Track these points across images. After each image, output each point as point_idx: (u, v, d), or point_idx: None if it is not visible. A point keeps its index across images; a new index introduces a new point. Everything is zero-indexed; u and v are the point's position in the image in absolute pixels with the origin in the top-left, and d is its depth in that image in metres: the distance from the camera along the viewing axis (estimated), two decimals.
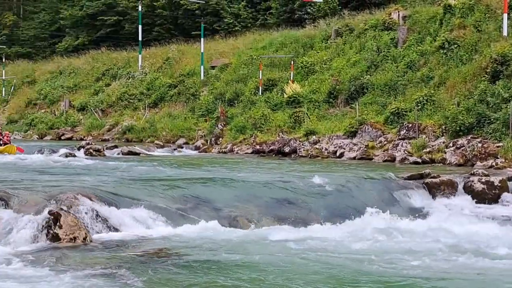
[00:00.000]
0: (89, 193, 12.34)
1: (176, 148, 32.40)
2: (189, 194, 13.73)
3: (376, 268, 9.16)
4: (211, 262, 9.37)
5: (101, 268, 8.86)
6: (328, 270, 9.01)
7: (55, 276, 8.43)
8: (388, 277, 8.68)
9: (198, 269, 8.96)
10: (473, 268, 9.31)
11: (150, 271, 8.80)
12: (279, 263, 9.36)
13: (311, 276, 8.64)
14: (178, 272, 8.83)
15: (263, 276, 8.62)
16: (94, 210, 11.68)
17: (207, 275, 8.64)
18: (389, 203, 14.64)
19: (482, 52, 26.64)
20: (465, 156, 22.09)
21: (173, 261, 9.45)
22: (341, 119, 29.33)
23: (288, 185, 15.06)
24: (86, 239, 10.69)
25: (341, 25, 36.82)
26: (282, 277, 8.58)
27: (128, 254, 9.87)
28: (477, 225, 12.71)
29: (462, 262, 9.67)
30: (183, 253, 9.90)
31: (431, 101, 26.39)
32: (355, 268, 9.14)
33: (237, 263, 9.34)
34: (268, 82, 35.69)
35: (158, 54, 47.05)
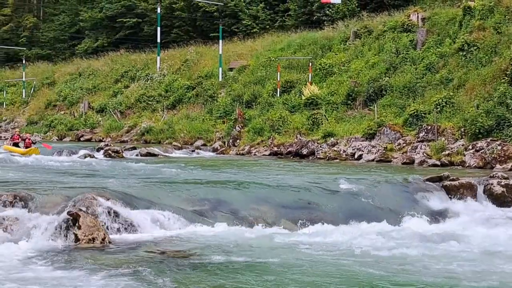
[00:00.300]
0: (107, 194, 12.41)
1: (194, 149, 32.47)
2: (207, 195, 13.76)
3: (392, 271, 9.10)
4: (229, 263, 9.38)
5: (120, 269, 8.88)
6: (341, 273, 8.98)
7: (74, 277, 8.48)
8: (401, 280, 8.63)
9: (217, 270, 8.96)
10: (492, 272, 9.23)
11: (169, 271, 8.83)
12: (294, 265, 9.35)
13: (323, 279, 8.62)
14: (197, 272, 8.84)
15: (277, 278, 8.62)
16: (113, 211, 11.74)
17: (226, 276, 8.65)
18: (407, 205, 14.54)
19: (502, 54, 26.43)
20: (485, 159, 21.91)
21: (192, 261, 9.46)
22: (359, 121, 29.22)
23: (306, 187, 15.01)
24: (105, 240, 10.74)
25: (360, 27, 36.73)
26: (295, 279, 8.58)
27: (147, 254, 9.91)
28: (496, 229, 12.59)
29: (479, 266, 9.58)
30: (201, 254, 9.91)
31: (450, 104, 26.22)
32: (370, 271, 9.09)
33: (253, 265, 9.34)
34: (286, 84, 35.68)
35: (177, 56, 47.24)
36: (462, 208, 14.93)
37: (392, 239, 11.41)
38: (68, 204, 11.52)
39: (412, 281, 8.63)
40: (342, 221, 12.97)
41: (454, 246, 10.98)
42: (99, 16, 57.58)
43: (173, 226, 12.07)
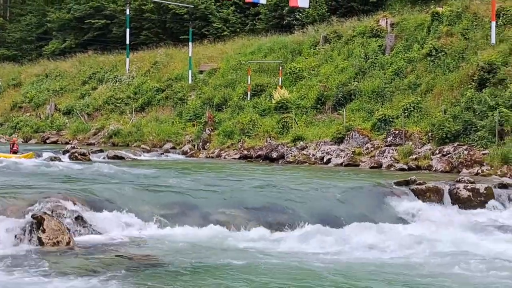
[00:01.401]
0: (73, 198, 12.25)
1: (163, 152, 32.22)
2: (175, 199, 13.71)
3: (358, 275, 9.16)
4: (196, 267, 9.33)
5: (85, 273, 8.78)
6: (309, 276, 9.01)
7: (37, 282, 8.33)
8: (366, 284, 8.68)
9: (183, 274, 8.91)
10: (458, 274, 9.30)
11: (135, 275, 8.74)
12: (264, 269, 9.33)
13: (290, 282, 8.64)
14: (163, 276, 8.76)
15: (245, 281, 8.61)
16: (78, 214, 11.60)
17: (192, 280, 8.61)
18: (375, 209, 14.65)
19: (469, 60, 26.79)
20: (451, 163, 22.15)
21: (158, 265, 9.39)
22: (328, 125, 29.33)
23: (276, 191, 15.04)
24: (70, 243, 10.59)
25: (330, 32, 36.91)
26: (263, 282, 8.59)
27: (112, 258, 9.79)
28: (461, 232, 12.72)
29: (447, 269, 9.66)
30: (167, 258, 9.84)
31: (418, 108, 26.48)
32: (338, 275, 9.12)
33: (221, 268, 9.31)
34: (256, 88, 35.68)
35: (146, 58, 46.91)
36: (428, 212, 15.07)
37: (359, 243, 11.45)
38: (33, 208, 11.33)
39: (379, 284, 8.66)
40: (310, 225, 12.95)
41: (422, 249, 11.06)
42: (67, 17, 56.86)
43: (141, 229, 11.99)
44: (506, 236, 12.49)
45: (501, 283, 8.93)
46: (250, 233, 12.24)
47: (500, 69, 24.70)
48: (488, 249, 11.17)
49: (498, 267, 9.85)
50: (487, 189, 16.33)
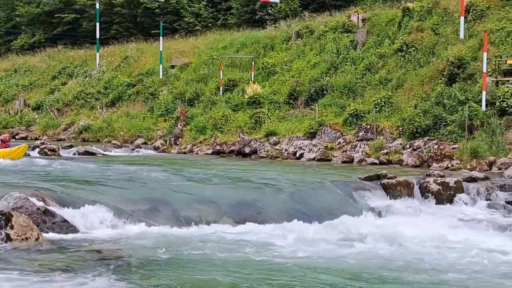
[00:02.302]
0: (42, 193, 12.09)
1: (134, 148, 31.96)
2: (146, 194, 13.61)
3: (328, 270, 9.20)
4: (167, 262, 9.29)
5: (52, 269, 8.68)
6: (279, 270, 9.03)
7: (4, 278, 8.19)
8: (330, 277, 8.74)
9: (152, 269, 8.86)
10: (427, 268, 9.37)
11: (103, 271, 8.66)
12: (232, 263, 9.35)
13: (260, 276, 8.67)
14: (132, 272, 8.69)
15: (215, 274, 8.61)
16: (47, 210, 11.44)
17: (161, 275, 8.55)
18: (345, 204, 14.72)
19: (439, 55, 27.05)
20: (422, 158, 22.36)
21: (127, 261, 9.31)
22: (301, 120, 29.38)
23: (248, 186, 15.04)
24: (39, 239, 10.44)
25: (302, 27, 36.95)
26: (232, 276, 8.60)
27: (81, 254, 9.68)
28: (431, 226, 12.83)
29: (417, 263, 9.74)
30: (136, 253, 9.76)
31: (389, 103, 26.66)
32: (308, 269, 9.17)
33: (191, 262, 9.29)
34: (228, 83, 35.58)
35: (117, 52, 46.46)
36: (399, 206, 15.21)
37: (330, 237, 11.50)
38: (0, 204, 11.14)
39: (348, 278, 8.69)
40: (282, 220, 12.98)
41: (392, 243, 11.14)
42: (36, 11, 56.04)
43: (111, 225, 11.87)
44: (474, 229, 12.62)
45: (469, 275, 9.03)
46: (222, 228, 12.22)
47: (469, 64, 24.98)
48: (457, 241, 11.29)
49: (467, 260, 9.97)
50: (456, 183, 16.51)
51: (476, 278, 8.89)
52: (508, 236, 12.00)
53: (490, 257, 10.20)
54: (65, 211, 11.72)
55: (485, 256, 10.20)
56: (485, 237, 11.72)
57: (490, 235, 11.95)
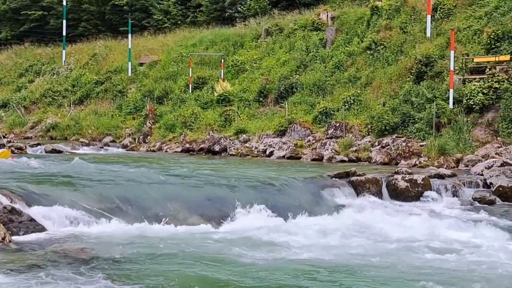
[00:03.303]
0: (8, 192, 11.89)
1: (103, 146, 31.69)
2: (115, 193, 13.47)
3: (286, 263, 9.31)
4: (133, 260, 9.24)
5: (18, 268, 8.55)
6: (247, 267, 9.06)
7: None
8: (297, 271, 8.82)
9: (118, 268, 8.80)
10: (392, 264, 9.46)
11: (71, 270, 8.57)
12: (201, 260, 9.35)
13: (226, 271, 8.70)
14: (96, 270, 8.62)
15: (183, 271, 8.62)
16: (14, 209, 11.25)
17: (128, 273, 8.50)
18: (314, 201, 14.79)
19: (407, 53, 27.31)
20: (390, 155, 22.55)
21: (92, 259, 9.24)
22: (271, 118, 29.43)
23: (217, 184, 14.99)
24: (5, 239, 10.26)
25: (271, 25, 36.99)
26: (200, 273, 8.62)
27: (47, 253, 9.55)
28: (399, 222, 12.96)
29: (384, 258, 9.81)
30: (103, 252, 9.68)
31: (358, 101, 26.84)
32: (271, 264, 9.25)
33: (159, 260, 9.26)
34: (198, 80, 35.46)
35: (84, 50, 45.97)
36: (367, 203, 15.34)
37: (297, 234, 11.56)
38: None
39: (315, 271, 8.75)
40: (251, 217, 13.00)
41: (360, 239, 11.22)
42: (2, 8, 55.12)
43: (78, 224, 11.74)
44: (442, 225, 12.77)
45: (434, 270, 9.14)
46: (191, 226, 12.22)
47: (437, 62, 25.28)
48: (423, 237, 11.43)
49: (431, 256, 10.09)
50: (424, 180, 16.71)
51: (439, 273, 9.01)
52: (473, 232, 12.19)
53: (455, 251, 10.38)
54: (32, 210, 11.54)
55: (450, 251, 10.38)
56: (451, 232, 11.88)
57: (455, 231, 12.11)
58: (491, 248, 10.66)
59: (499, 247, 10.82)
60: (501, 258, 9.97)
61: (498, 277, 8.79)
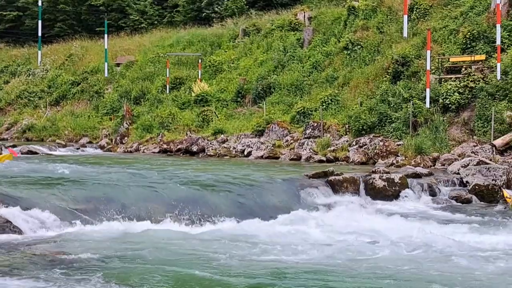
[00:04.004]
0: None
1: (79, 147, 31.43)
2: (92, 194, 13.39)
3: (260, 263, 9.34)
4: (111, 262, 9.20)
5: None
6: (224, 267, 9.08)
7: None
8: (276, 271, 8.86)
9: (96, 270, 8.73)
10: (370, 262, 9.50)
11: (46, 272, 8.50)
12: (178, 261, 9.35)
13: (200, 272, 8.72)
14: (73, 273, 8.56)
15: (161, 273, 8.59)
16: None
17: (105, 275, 8.44)
18: (292, 201, 14.80)
19: (384, 53, 27.46)
20: (367, 154, 22.67)
21: (69, 262, 9.18)
22: (249, 118, 29.43)
23: (195, 184, 14.95)
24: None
25: (249, 25, 36.98)
26: (180, 273, 8.63)
27: (24, 256, 9.46)
28: (376, 221, 13.03)
29: (363, 259, 9.85)
30: (80, 254, 9.61)
31: (335, 101, 26.94)
32: (242, 263, 9.29)
33: (137, 262, 9.22)
34: (175, 81, 35.32)
35: (60, 50, 45.55)
36: (345, 202, 15.39)
37: (276, 234, 11.55)
38: None
39: (289, 271, 8.80)
40: (229, 217, 12.98)
41: (338, 239, 11.25)
42: None
43: (55, 226, 11.65)
44: (419, 223, 12.86)
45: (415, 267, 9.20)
46: (168, 226, 12.20)
47: (413, 62, 25.46)
48: (400, 236, 11.49)
49: (408, 254, 10.15)
50: (401, 179, 16.81)
51: (413, 271, 9.09)
52: (449, 230, 12.29)
53: (431, 250, 10.46)
54: (8, 212, 11.40)
55: (426, 249, 10.46)
56: (428, 231, 11.95)
57: (432, 229, 12.19)
58: (461, 247, 10.73)
59: (468, 245, 10.88)
60: (467, 256, 10.03)
61: (459, 276, 8.84)
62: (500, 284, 8.50)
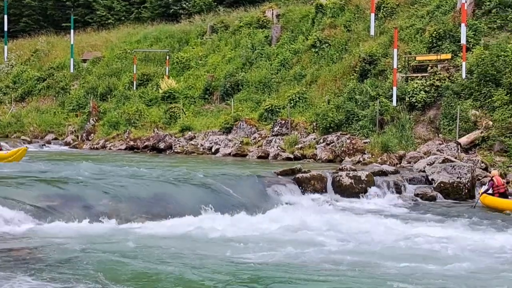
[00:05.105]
0: None
1: (45, 144, 31.03)
2: (57, 191, 13.26)
3: (226, 257, 9.44)
4: (74, 259, 9.12)
5: None
6: (195, 261, 9.06)
7: None
8: (233, 263, 8.99)
9: (59, 266, 8.68)
10: (338, 259, 9.53)
11: (13, 269, 8.40)
12: (144, 257, 9.34)
13: (165, 267, 8.77)
14: (36, 270, 8.45)
15: (122, 269, 8.60)
16: None
17: (67, 272, 8.38)
18: (259, 198, 14.78)
19: (351, 52, 27.60)
20: (335, 152, 22.77)
21: (32, 259, 9.08)
22: (216, 115, 29.35)
23: (162, 181, 14.88)
24: None
25: (217, 22, 36.87)
26: (148, 268, 8.64)
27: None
28: (342, 218, 13.11)
29: (329, 254, 9.89)
30: (44, 251, 9.54)
31: (303, 99, 27.00)
32: (211, 259, 9.33)
33: (100, 259, 9.17)
34: (142, 77, 35.05)
35: (26, 46, 44.87)
36: (311, 199, 15.42)
37: (239, 232, 11.58)
38: None
39: (237, 263, 8.92)
40: (196, 214, 12.93)
41: (303, 235, 11.29)
42: None
43: (20, 223, 11.47)
44: (384, 220, 12.96)
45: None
46: (132, 223, 12.16)
47: (380, 61, 25.65)
48: (364, 232, 11.57)
49: (370, 248, 10.22)
50: (367, 176, 16.92)
51: (375, 264, 9.21)
52: (412, 226, 12.43)
53: (395, 245, 10.57)
54: None
55: (391, 245, 10.56)
56: (392, 227, 12.07)
57: (396, 225, 12.32)
58: (423, 243, 10.84)
59: (429, 241, 11.00)
60: (429, 253, 10.16)
61: (408, 269, 8.98)
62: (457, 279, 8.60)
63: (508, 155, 19.69)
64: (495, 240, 11.23)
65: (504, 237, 11.43)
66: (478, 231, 12.15)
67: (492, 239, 11.28)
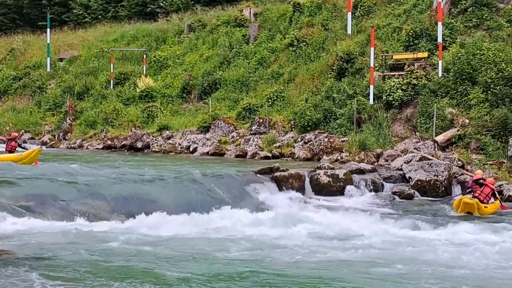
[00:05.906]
0: None
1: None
2: (33, 191, 13.20)
3: (202, 255, 9.50)
4: (51, 259, 9.08)
5: None
6: (172, 260, 9.10)
7: None
8: (209, 261, 9.08)
9: (36, 267, 8.59)
10: (318, 258, 9.56)
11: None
12: (122, 255, 9.36)
13: (145, 265, 8.81)
14: (13, 271, 8.38)
15: (101, 269, 8.58)
16: None
17: (45, 273, 8.31)
18: (237, 197, 14.78)
19: (329, 50, 27.68)
20: (313, 151, 22.82)
21: (8, 260, 8.97)
22: (194, 114, 29.28)
23: (139, 180, 14.81)
24: None
25: (194, 20, 36.78)
26: (117, 267, 8.68)
27: None
28: (320, 216, 13.14)
29: (307, 253, 9.91)
30: (20, 252, 9.45)
31: (281, 97, 27.03)
32: (188, 259, 9.35)
33: (78, 259, 9.12)
34: (120, 76, 34.84)
35: (2, 44, 44.42)
36: (289, 198, 15.44)
37: (215, 230, 11.60)
38: None
39: (212, 261, 9.06)
40: (174, 212, 12.92)
41: (282, 234, 11.32)
42: None
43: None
44: (362, 218, 13.02)
45: None
46: (109, 223, 12.12)
47: (357, 59, 25.75)
48: (346, 231, 11.61)
49: (358, 248, 10.26)
50: (345, 174, 16.99)
51: (351, 262, 9.30)
52: (387, 224, 12.50)
53: (370, 243, 10.62)
54: None
55: (366, 242, 10.61)
56: (368, 225, 12.14)
57: (372, 223, 12.38)
58: (399, 241, 10.93)
59: (405, 239, 11.08)
60: (402, 251, 10.25)
61: (381, 266, 9.05)
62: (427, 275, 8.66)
63: (484, 153, 19.88)
64: (468, 235, 11.39)
65: (480, 235, 11.55)
66: (454, 228, 12.24)
67: (464, 235, 11.43)
